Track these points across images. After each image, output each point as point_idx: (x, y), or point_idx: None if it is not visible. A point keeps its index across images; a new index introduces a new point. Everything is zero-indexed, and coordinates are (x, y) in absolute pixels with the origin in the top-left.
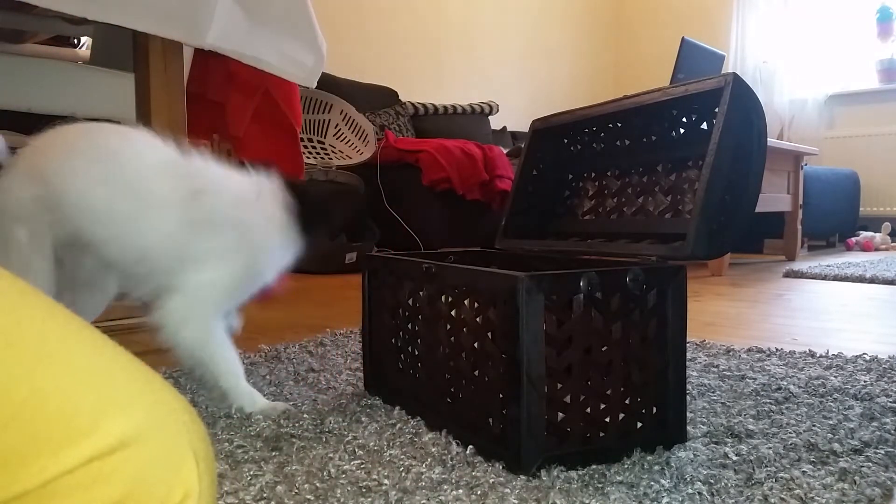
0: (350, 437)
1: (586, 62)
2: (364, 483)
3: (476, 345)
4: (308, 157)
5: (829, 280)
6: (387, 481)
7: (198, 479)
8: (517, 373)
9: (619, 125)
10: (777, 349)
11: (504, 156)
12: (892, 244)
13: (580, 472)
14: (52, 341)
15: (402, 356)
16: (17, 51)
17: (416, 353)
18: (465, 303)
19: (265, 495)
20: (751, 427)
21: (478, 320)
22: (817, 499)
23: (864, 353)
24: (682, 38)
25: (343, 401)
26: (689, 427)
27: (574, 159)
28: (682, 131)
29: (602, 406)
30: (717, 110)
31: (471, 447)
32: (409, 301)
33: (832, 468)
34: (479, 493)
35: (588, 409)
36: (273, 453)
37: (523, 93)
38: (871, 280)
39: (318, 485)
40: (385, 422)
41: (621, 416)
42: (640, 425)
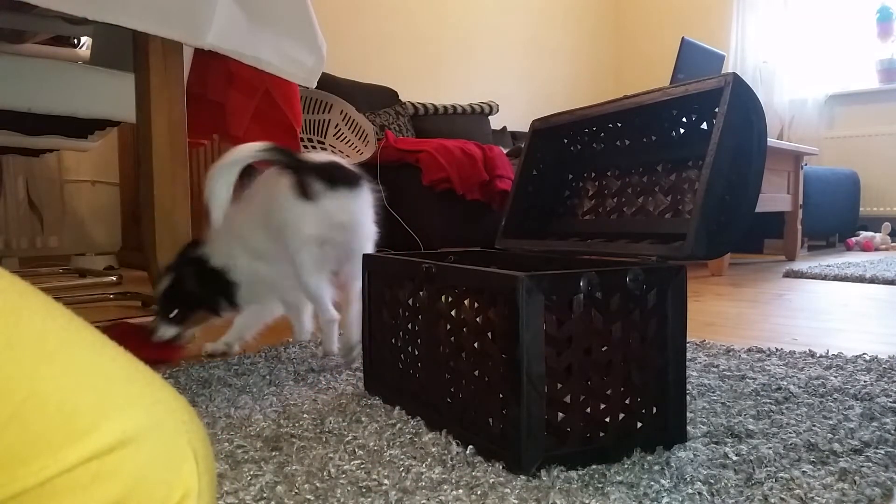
0: (350, 437)
1: (586, 62)
2: (364, 483)
3: (476, 345)
4: None
5: (830, 280)
6: (387, 481)
7: (197, 478)
8: (517, 373)
9: (619, 125)
10: (777, 349)
11: (504, 156)
12: (892, 244)
13: (580, 472)
14: (52, 341)
15: (402, 356)
16: (17, 51)
17: (417, 353)
18: (465, 303)
19: (265, 495)
20: (751, 427)
21: (478, 320)
22: (817, 499)
23: (864, 353)
24: (682, 38)
25: (343, 401)
26: (689, 427)
27: (574, 159)
28: (682, 131)
29: (602, 406)
30: (717, 110)
31: (471, 447)
32: (409, 301)
33: (832, 468)
34: (479, 493)
35: (588, 410)
36: (273, 453)
37: (523, 93)
38: (871, 280)
39: (318, 485)
40: (385, 422)
41: (621, 416)
42: (640, 425)
